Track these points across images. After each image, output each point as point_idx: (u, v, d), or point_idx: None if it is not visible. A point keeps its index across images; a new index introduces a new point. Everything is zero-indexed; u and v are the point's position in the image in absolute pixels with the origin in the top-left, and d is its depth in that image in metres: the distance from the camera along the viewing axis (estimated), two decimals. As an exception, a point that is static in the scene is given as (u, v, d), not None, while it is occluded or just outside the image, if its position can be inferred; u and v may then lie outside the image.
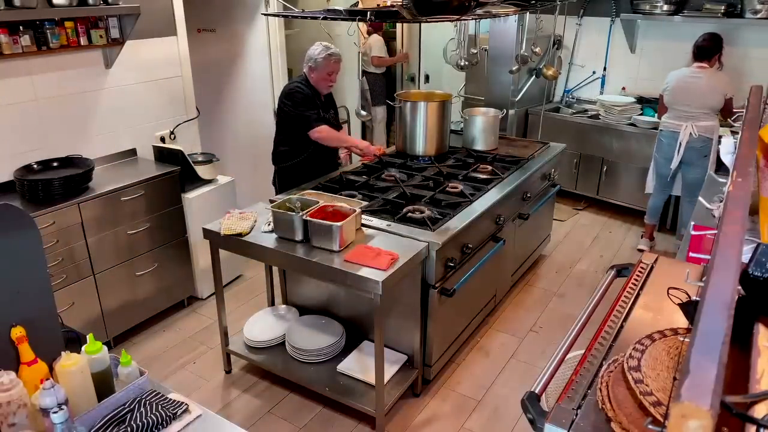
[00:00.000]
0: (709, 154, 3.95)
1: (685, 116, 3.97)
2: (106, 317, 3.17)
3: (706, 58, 3.89)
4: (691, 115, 3.95)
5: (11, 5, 2.72)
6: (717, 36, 3.92)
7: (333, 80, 3.35)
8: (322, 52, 3.24)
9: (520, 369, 3.13)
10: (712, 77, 3.88)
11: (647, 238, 4.48)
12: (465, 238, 2.85)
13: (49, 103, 3.14)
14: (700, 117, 3.93)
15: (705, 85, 3.88)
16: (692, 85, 3.92)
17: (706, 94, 3.88)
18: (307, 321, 3.06)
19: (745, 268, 1.33)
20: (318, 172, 3.38)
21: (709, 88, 3.87)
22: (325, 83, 3.33)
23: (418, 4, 2.36)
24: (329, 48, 3.25)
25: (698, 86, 3.90)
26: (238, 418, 2.77)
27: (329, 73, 3.29)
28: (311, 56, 3.27)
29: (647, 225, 4.48)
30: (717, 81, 3.88)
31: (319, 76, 3.28)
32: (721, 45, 3.93)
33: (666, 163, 4.14)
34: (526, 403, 1.44)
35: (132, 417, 1.52)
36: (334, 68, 3.30)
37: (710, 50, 3.89)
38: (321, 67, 3.25)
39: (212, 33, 4.67)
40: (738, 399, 0.98)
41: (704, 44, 3.91)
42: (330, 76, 3.31)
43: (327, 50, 3.24)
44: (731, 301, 0.77)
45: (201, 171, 3.59)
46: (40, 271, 1.60)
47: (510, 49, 4.60)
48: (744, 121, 1.93)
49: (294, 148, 3.35)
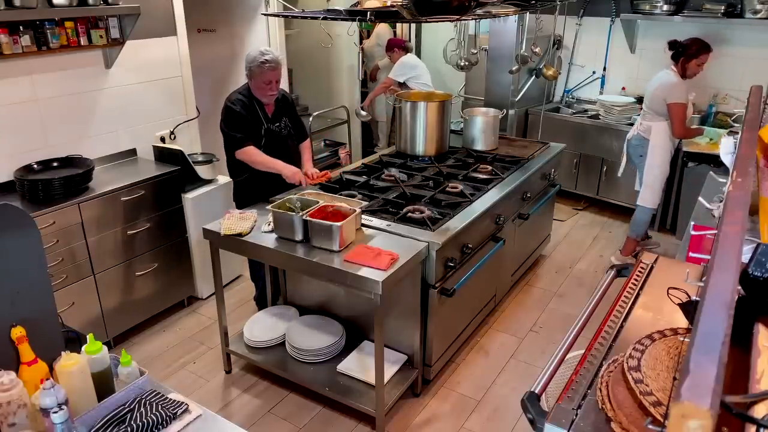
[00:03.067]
0: (645, 155, 3.98)
1: (641, 114, 4.05)
2: (106, 317, 3.17)
3: (673, 59, 3.85)
4: (642, 114, 4.03)
5: (11, 5, 2.72)
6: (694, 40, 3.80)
7: (273, 89, 3.04)
8: (256, 59, 2.93)
9: (520, 369, 3.13)
10: (664, 79, 3.84)
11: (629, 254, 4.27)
12: (465, 238, 2.85)
13: (49, 103, 3.14)
14: (646, 116, 3.98)
15: (654, 86, 3.90)
16: (650, 84, 3.96)
17: (653, 94, 3.89)
18: (307, 321, 3.06)
19: (745, 268, 1.33)
20: (273, 188, 3.06)
21: (654, 89, 3.87)
22: (264, 92, 3.04)
23: (418, 4, 2.36)
24: (265, 53, 2.94)
25: (652, 85, 3.93)
26: (238, 418, 2.77)
27: (266, 82, 2.99)
28: (246, 64, 2.98)
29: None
30: (664, 84, 3.81)
31: (256, 85, 3.02)
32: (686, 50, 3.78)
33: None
34: (526, 403, 1.44)
35: (132, 417, 1.52)
36: (272, 77, 2.98)
37: (675, 53, 3.82)
38: (256, 75, 2.97)
39: (212, 33, 4.67)
40: (738, 399, 0.98)
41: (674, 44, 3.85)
42: (269, 85, 3.00)
43: (262, 56, 2.93)
44: (731, 301, 0.77)
45: (201, 171, 3.59)
46: (40, 271, 1.61)
47: (510, 49, 4.60)
48: (744, 121, 1.93)
49: (236, 165, 3.15)
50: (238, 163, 3.13)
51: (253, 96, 3.09)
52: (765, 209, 1.84)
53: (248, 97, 3.08)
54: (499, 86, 4.83)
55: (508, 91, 4.80)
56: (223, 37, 4.64)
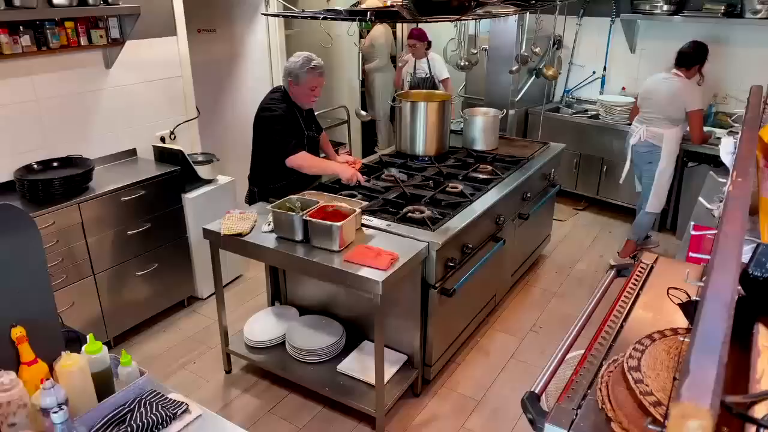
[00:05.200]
0: (654, 161, 3.91)
1: (644, 119, 3.96)
2: (106, 317, 3.17)
3: (684, 65, 3.78)
4: (648, 120, 3.92)
5: (11, 5, 2.72)
6: (701, 45, 3.80)
7: (317, 95, 3.03)
8: (304, 65, 2.90)
9: (520, 369, 3.13)
10: (678, 85, 3.76)
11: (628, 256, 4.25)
12: (465, 238, 2.85)
13: (49, 103, 3.14)
14: (654, 122, 3.88)
15: (667, 92, 3.79)
16: (657, 90, 3.86)
17: (666, 100, 3.79)
18: (307, 321, 3.06)
19: (745, 268, 1.33)
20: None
21: (670, 96, 3.77)
22: (308, 98, 3.01)
23: (418, 4, 2.36)
24: (312, 59, 2.93)
25: (661, 91, 3.83)
26: (238, 418, 2.77)
27: (312, 87, 2.97)
28: (292, 70, 2.93)
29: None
30: (681, 90, 3.74)
31: (301, 91, 2.97)
32: (703, 56, 3.80)
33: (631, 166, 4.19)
34: (526, 403, 1.44)
35: (132, 417, 1.52)
36: (319, 82, 2.97)
37: (689, 58, 3.77)
38: (304, 82, 2.93)
39: (212, 33, 4.67)
40: (738, 399, 0.98)
41: (685, 50, 3.80)
42: (313, 91, 2.99)
43: (309, 62, 2.91)
44: (731, 301, 0.77)
45: (201, 171, 3.59)
46: (40, 271, 1.61)
47: (510, 49, 4.60)
48: (744, 121, 1.93)
49: (277, 171, 3.02)
50: (277, 170, 3.01)
51: (293, 103, 3.02)
52: (765, 209, 1.84)
53: (288, 104, 3.01)
54: (499, 86, 4.83)
55: (508, 91, 4.80)
56: (223, 37, 4.64)
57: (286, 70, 2.99)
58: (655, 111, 3.87)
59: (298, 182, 3.06)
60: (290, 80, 2.96)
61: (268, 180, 3.09)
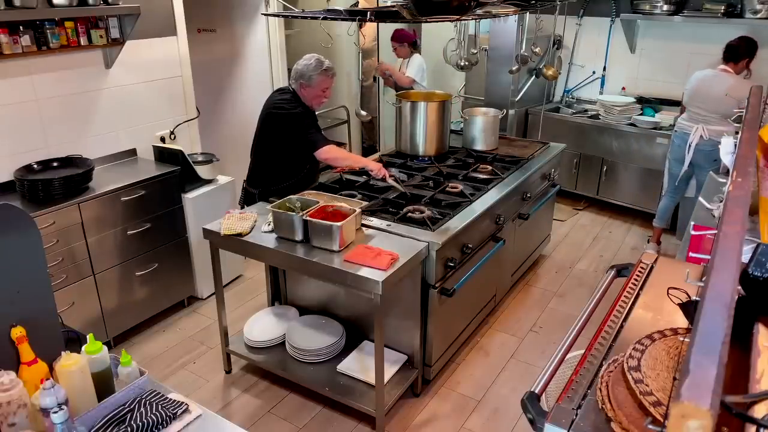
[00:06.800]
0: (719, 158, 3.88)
1: (698, 118, 3.88)
2: (106, 317, 3.17)
3: (732, 60, 3.74)
4: (703, 118, 3.85)
5: (11, 5, 2.72)
6: (750, 40, 3.76)
7: (327, 96, 3.06)
8: (317, 67, 2.93)
9: (520, 369, 3.13)
10: (729, 83, 3.71)
11: (654, 242, 4.36)
12: (465, 238, 2.85)
13: (49, 103, 3.14)
14: (711, 120, 3.81)
15: (719, 90, 3.73)
16: (708, 88, 3.80)
17: (719, 99, 3.73)
18: (307, 321, 3.06)
19: (745, 268, 1.33)
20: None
21: (722, 94, 3.71)
22: (320, 99, 3.04)
23: (418, 4, 2.36)
24: (323, 61, 2.95)
25: (713, 89, 3.77)
26: (238, 418, 2.77)
27: (324, 89, 3.00)
28: (304, 72, 2.95)
29: (655, 228, 4.34)
30: (733, 86, 3.69)
31: (312, 92, 2.99)
32: (753, 50, 3.76)
33: (678, 165, 4.07)
34: (526, 403, 1.44)
35: (132, 417, 1.52)
36: (330, 83, 3.01)
37: (737, 52, 3.73)
38: (316, 83, 2.96)
39: (212, 33, 4.67)
40: (738, 399, 0.98)
41: (732, 44, 3.75)
42: (324, 92, 3.02)
43: (321, 64, 2.94)
44: (731, 301, 0.77)
45: (201, 171, 3.59)
46: (40, 271, 1.60)
47: (510, 49, 4.60)
48: (744, 121, 1.93)
49: (284, 171, 3.07)
50: (284, 170, 3.05)
51: (302, 102, 3.03)
52: (765, 209, 1.84)
53: (298, 103, 3.01)
54: (499, 86, 4.83)
55: (508, 91, 4.80)
56: (223, 37, 4.63)
57: (297, 72, 2.99)
58: (710, 109, 3.80)
59: (305, 181, 3.10)
60: (302, 82, 2.97)
61: (272, 180, 3.09)
